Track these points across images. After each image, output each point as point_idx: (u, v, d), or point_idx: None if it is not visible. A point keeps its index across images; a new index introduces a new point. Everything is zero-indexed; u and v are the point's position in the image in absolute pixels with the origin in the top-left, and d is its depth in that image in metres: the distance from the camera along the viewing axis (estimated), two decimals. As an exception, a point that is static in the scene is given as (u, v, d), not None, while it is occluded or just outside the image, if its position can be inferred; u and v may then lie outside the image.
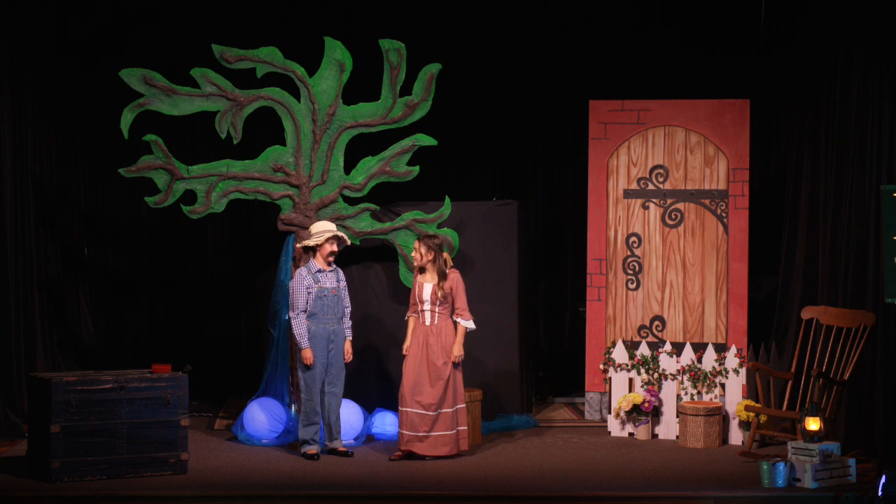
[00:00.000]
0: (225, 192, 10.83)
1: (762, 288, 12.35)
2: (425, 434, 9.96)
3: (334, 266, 10.20)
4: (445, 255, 10.14)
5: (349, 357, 10.22)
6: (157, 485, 9.09)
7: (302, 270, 10.11)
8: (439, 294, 9.99)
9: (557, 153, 13.43)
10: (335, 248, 10.14)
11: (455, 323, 10.09)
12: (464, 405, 10.11)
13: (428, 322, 10.06)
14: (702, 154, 11.59)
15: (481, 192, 12.56)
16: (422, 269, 10.12)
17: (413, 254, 10.16)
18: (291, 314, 10.04)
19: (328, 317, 10.07)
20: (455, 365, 10.02)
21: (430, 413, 9.95)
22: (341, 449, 10.15)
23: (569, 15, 13.00)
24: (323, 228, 10.16)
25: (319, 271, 10.09)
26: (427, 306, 10.04)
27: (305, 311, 10.03)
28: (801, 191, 11.40)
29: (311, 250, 10.20)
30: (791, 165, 11.70)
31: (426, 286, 10.05)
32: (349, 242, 10.34)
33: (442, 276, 10.01)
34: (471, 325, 10.06)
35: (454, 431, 10.01)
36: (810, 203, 11.23)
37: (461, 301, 10.04)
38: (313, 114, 10.87)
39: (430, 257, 10.04)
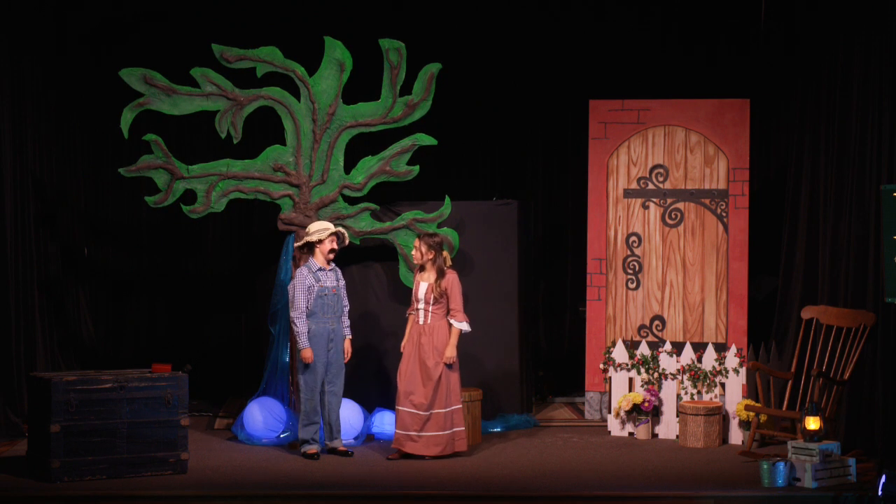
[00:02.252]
0: (225, 192, 10.83)
1: (762, 288, 12.34)
2: (417, 434, 9.95)
3: (333, 265, 10.20)
4: (445, 254, 10.15)
5: (349, 356, 10.22)
6: (157, 484, 9.08)
7: (303, 270, 10.10)
8: (434, 293, 9.98)
9: (557, 153, 13.43)
10: (335, 245, 10.13)
11: (450, 324, 10.08)
12: (460, 406, 10.08)
13: (421, 321, 10.06)
14: (702, 154, 11.59)
15: (481, 192, 12.57)
16: (421, 268, 10.12)
17: (413, 252, 10.15)
18: (293, 314, 10.02)
19: (328, 316, 10.07)
20: (448, 366, 10.00)
21: (422, 413, 9.94)
22: (341, 448, 10.15)
23: (569, 15, 13.00)
24: (323, 226, 10.16)
25: (320, 270, 10.09)
26: (421, 305, 10.04)
27: (307, 310, 10.03)
28: (801, 190, 11.39)
29: (311, 249, 10.18)
30: (791, 165, 11.69)
31: (422, 284, 10.05)
32: (348, 241, 10.33)
33: (440, 275, 10.01)
34: (465, 326, 10.04)
35: (449, 432, 9.99)
36: (810, 203, 11.22)
37: (455, 302, 10.02)
38: (313, 113, 10.87)
39: (431, 256, 10.04)
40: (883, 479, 8.50)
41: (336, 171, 10.95)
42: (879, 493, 8.48)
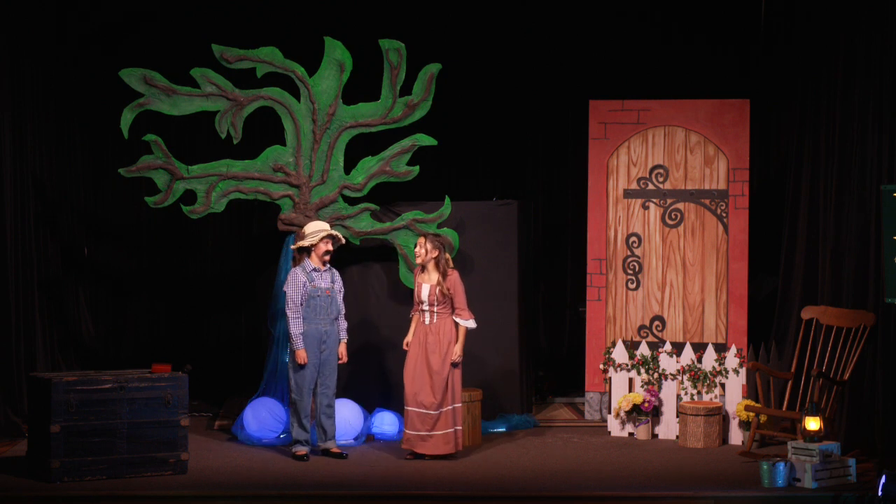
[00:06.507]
0: (225, 192, 10.83)
1: (762, 288, 12.35)
2: (427, 433, 9.95)
3: (329, 266, 10.17)
4: (447, 255, 10.15)
5: (344, 359, 10.19)
6: (157, 485, 9.09)
7: (296, 270, 10.08)
8: (437, 293, 9.98)
9: (557, 153, 13.43)
10: (330, 247, 10.11)
11: (456, 322, 10.08)
12: (461, 404, 10.10)
13: (427, 321, 10.07)
14: (702, 154, 11.59)
15: (481, 192, 12.56)
16: (422, 268, 10.11)
17: (417, 249, 10.12)
18: (289, 312, 10.01)
19: (320, 317, 10.04)
20: (454, 364, 10.01)
21: (432, 412, 9.94)
22: (334, 450, 10.11)
23: (569, 15, 13.00)
24: (317, 228, 10.13)
25: (314, 270, 10.07)
26: (426, 306, 10.04)
27: (301, 309, 10.01)
28: (801, 191, 11.39)
29: (306, 251, 10.16)
30: (791, 165, 11.69)
31: (424, 286, 10.04)
32: (343, 241, 10.31)
33: (443, 276, 10.01)
34: (471, 324, 10.05)
35: (453, 430, 10.01)
36: (810, 203, 11.22)
37: (460, 300, 10.03)
38: (313, 114, 10.87)
39: (435, 255, 10.03)
40: (883, 479, 8.50)
41: (336, 172, 10.95)
42: (879, 493, 8.48)
